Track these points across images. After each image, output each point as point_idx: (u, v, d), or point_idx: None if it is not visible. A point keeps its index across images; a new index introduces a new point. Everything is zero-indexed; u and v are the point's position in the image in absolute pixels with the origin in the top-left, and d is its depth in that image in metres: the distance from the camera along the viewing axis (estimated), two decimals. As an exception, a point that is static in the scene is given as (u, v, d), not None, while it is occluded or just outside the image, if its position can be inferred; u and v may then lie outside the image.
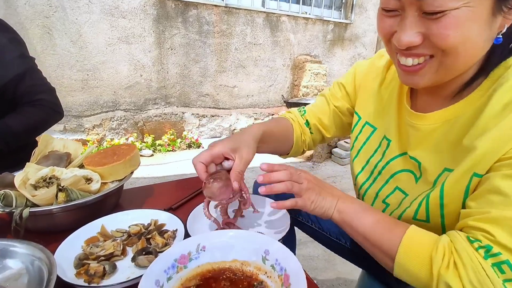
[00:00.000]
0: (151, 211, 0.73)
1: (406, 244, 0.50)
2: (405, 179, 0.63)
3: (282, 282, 0.50)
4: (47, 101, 1.09)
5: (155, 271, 0.49)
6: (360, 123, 0.75)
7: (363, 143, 0.74)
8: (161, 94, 3.33)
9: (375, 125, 0.72)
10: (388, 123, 0.68)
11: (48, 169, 0.72)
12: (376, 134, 0.71)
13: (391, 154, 0.67)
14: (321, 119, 0.86)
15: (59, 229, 0.68)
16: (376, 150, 0.70)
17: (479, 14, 0.45)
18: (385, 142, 0.68)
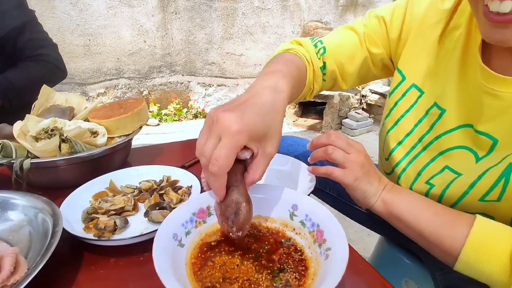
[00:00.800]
0: (164, 167, 0.67)
1: (476, 241, 0.42)
2: (461, 158, 0.51)
3: (314, 238, 0.44)
4: (50, 56, 1.04)
5: (172, 224, 0.43)
6: (403, 85, 0.59)
7: (405, 111, 0.58)
8: (166, 61, 3.20)
9: (423, 89, 0.56)
10: (443, 87, 0.53)
11: (50, 120, 0.66)
12: (423, 101, 0.56)
13: (444, 126, 0.53)
14: (344, 66, 0.66)
15: (64, 184, 0.63)
16: (421, 120, 0.56)
17: None
18: (436, 111, 0.54)
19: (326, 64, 0.66)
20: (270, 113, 0.40)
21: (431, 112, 0.55)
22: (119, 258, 0.46)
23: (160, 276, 0.33)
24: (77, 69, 2.88)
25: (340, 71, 0.67)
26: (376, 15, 0.62)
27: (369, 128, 3.07)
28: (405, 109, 0.58)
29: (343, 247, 0.39)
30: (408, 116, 0.58)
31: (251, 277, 0.40)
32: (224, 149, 0.36)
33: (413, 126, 0.57)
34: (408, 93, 0.58)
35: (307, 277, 0.40)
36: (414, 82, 0.57)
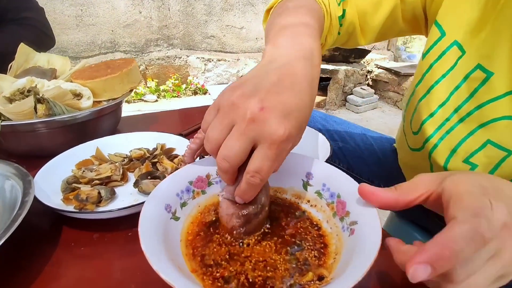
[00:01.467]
0: (158, 134, 0.59)
1: None
2: (505, 130, 0.43)
3: (334, 211, 0.37)
4: (36, 20, 0.94)
5: (164, 194, 0.36)
6: (442, 42, 0.48)
7: (441, 76, 0.48)
8: (163, 34, 3.05)
9: (465, 48, 0.46)
10: (491, 45, 0.43)
11: (26, 79, 0.57)
12: (464, 62, 0.46)
13: (489, 93, 0.44)
14: (367, 17, 0.56)
15: (45, 153, 0.55)
16: (459, 86, 0.46)
17: None
18: (480, 75, 0.45)
19: (346, 12, 0.55)
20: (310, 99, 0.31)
21: (471, 76, 0.45)
22: (104, 234, 0.40)
23: (146, 254, 0.26)
24: (70, 41, 2.74)
25: (361, 22, 0.57)
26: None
27: (374, 104, 2.96)
28: (441, 73, 0.48)
29: (373, 221, 0.32)
30: (444, 82, 0.48)
31: (264, 256, 0.33)
32: (270, 162, 0.29)
33: (448, 94, 0.48)
34: (447, 53, 0.48)
35: (328, 256, 0.33)
36: (456, 39, 0.47)
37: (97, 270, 0.35)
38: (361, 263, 0.27)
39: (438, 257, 0.22)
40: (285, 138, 0.28)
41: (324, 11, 0.52)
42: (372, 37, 0.60)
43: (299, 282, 0.29)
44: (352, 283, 0.24)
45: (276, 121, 0.28)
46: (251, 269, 0.31)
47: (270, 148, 0.28)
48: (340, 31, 0.57)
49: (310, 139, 0.58)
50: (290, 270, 0.31)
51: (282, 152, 0.29)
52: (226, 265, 0.32)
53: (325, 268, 0.31)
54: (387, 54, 3.63)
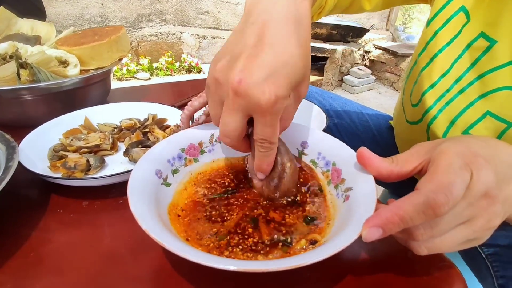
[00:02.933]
0: (149, 104, 0.58)
1: None
2: (504, 101, 0.42)
3: (329, 179, 0.37)
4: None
5: (155, 158, 0.35)
6: (449, 8, 0.46)
7: (445, 44, 0.47)
8: (155, 9, 2.93)
9: (471, 14, 0.45)
10: (497, 12, 0.42)
11: (7, 44, 0.54)
12: (468, 30, 0.45)
13: (491, 62, 0.43)
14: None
15: (30, 122, 0.53)
16: (461, 55, 0.45)
17: None
18: (483, 44, 0.43)
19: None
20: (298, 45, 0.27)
21: (474, 45, 0.44)
22: (93, 201, 0.39)
23: (134, 214, 0.25)
24: (57, 14, 2.62)
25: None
26: None
27: (371, 85, 2.94)
28: (446, 41, 0.47)
29: (368, 187, 0.31)
30: (447, 51, 0.47)
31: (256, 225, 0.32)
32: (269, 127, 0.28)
33: (451, 64, 0.46)
34: (453, 19, 0.46)
35: (322, 221, 0.33)
36: (463, 4, 0.45)
37: (87, 236, 0.34)
38: (354, 227, 0.26)
39: (388, 222, 0.25)
40: (273, 102, 0.26)
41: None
42: (374, 5, 0.57)
43: (294, 248, 0.29)
44: (341, 247, 0.24)
45: (257, 89, 0.25)
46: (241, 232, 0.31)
47: (263, 115, 0.27)
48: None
49: (305, 111, 0.57)
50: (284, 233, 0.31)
51: (278, 114, 0.28)
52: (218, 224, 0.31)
53: (319, 233, 0.31)
54: (385, 34, 3.56)
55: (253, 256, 0.28)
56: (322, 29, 2.81)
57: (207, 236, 0.30)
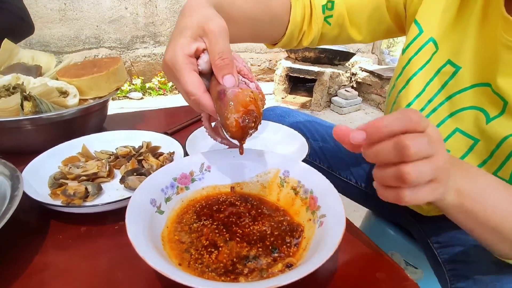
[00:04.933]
0: (143, 132, 0.61)
1: None
2: (470, 119, 0.48)
3: (307, 206, 0.41)
4: (12, 5, 0.92)
5: (150, 188, 0.39)
6: (420, 39, 0.53)
7: (418, 69, 0.53)
8: (149, 31, 3.02)
9: (439, 44, 0.52)
10: (460, 43, 0.49)
11: (11, 76, 0.58)
12: (437, 57, 0.52)
13: (457, 85, 0.49)
14: (354, 10, 0.59)
15: (31, 149, 0.56)
16: (432, 79, 0.52)
17: None
18: (449, 69, 0.50)
19: (335, 3, 0.59)
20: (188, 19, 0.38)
21: (443, 71, 0.51)
22: (91, 227, 0.42)
23: (132, 242, 0.29)
24: (53, 35, 2.67)
25: (350, 14, 0.60)
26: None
27: (358, 106, 3.05)
28: (418, 67, 0.53)
29: (339, 214, 0.35)
30: (420, 75, 0.53)
31: (240, 245, 0.36)
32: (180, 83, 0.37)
33: (423, 87, 0.53)
34: (424, 48, 0.53)
35: (299, 245, 0.37)
36: (432, 35, 0.52)
37: (84, 260, 0.37)
38: (325, 251, 0.30)
39: (370, 126, 0.29)
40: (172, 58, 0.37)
41: None
42: (364, 32, 0.63)
43: (272, 271, 0.33)
44: (313, 268, 0.28)
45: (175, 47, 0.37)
46: (227, 256, 0.34)
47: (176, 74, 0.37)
48: (330, 21, 0.60)
49: (290, 139, 0.62)
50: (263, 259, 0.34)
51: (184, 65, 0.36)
52: (204, 254, 0.34)
53: (295, 257, 0.34)
54: (371, 57, 3.73)
55: (235, 279, 0.31)
56: (310, 53, 2.94)
57: (196, 262, 0.34)
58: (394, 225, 0.85)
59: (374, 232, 0.94)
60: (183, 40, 0.37)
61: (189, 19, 0.38)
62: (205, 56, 0.37)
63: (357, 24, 0.60)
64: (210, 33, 0.36)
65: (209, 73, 0.39)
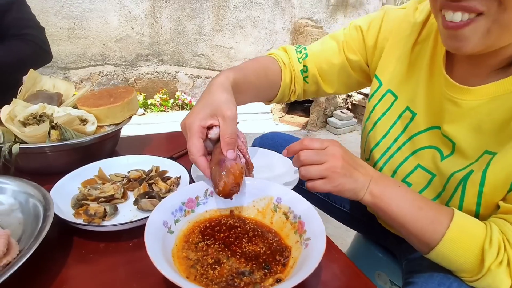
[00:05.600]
0: (152, 157, 0.69)
1: (453, 235, 0.45)
2: (428, 157, 0.56)
3: (295, 229, 0.48)
4: (36, 37, 1.03)
5: (162, 212, 0.46)
6: (380, 90, 0.63)
7: (381, 114, 0.63)
8: (154, 50, 3.15)
9: (397, 94, 0.61)
10: (414, 93, 0.58)
11: (38, 106, 0.66)
12: (397, 105, 0.61)
13: (415, 128, 0.58)
14: (324, 71, 0.71)
15: (52, 170, 0.63)
16: (395, 123, 0.61)
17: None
18: (408, 114, 0.59)
19: (308, 67, 0.72)
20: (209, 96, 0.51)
21: (404, 115, 0.60)
22: (109, 243, 0.48)
23: (151, 258, 0.36)
24: (60, 52, 2.78)
25: (321, 74, 0.72)
26: (355, 25, 0.68)
27: (353, 127, 3.15)
28: (382, 112, 0.63)
29: (321, 238, 0.42)
30: (384, 119, 0.63)
31: (239, 262, 0.43)
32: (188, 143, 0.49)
33: (388, 128, 0.62)
34: (384, 98, 0.63)
35: (287, 264, 0.43)
36: (389, 87, 0.62)
37: (104, 273, 0.43)
38: (308, 268, 0.37)
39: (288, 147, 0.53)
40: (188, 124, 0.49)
41: (280, 65, 0.72)
42: (336, 87, 0.74)
43: (264, 285, 0.39)
44: (298, 282, 0.35)
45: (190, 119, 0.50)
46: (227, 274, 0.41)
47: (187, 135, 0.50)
48: (307, 81, 0.74)
49: (282, 166, 0.69)
50: (257, 274, 0.41)
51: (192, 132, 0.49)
52: (209, 270, 0.41)
53: (284, 273, 0.41)
54: (366, 79, 3.88)
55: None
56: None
57: (202, 276, 0.40)
58: (381, 247, 0.91)
59: (362, 253, 1.00)
60: (203, 115, 0.49)
61: (212, 98, 0.51)
62: (216, 130, 0.50)
63: (329, 81, 0.73)
64: (226, 117, 0.49)
65: (215, 140, 0.52)
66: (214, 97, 0.51)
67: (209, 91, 0.52)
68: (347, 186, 0.50)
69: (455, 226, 0.46)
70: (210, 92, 0.52)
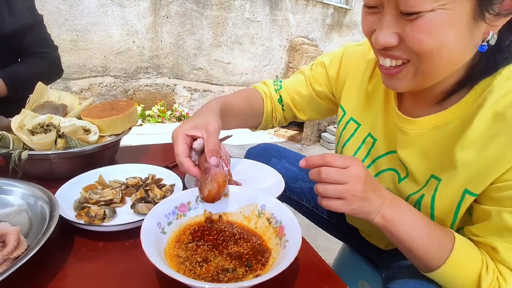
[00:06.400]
0: (149, 166, 0.74)
1: (455, 260, 0.48)
2: (389, 179, 0.62)
3: (276, 233, 0.53)
4: (52, 55, 1.15)
5: (157, 214, 0.51)
6: (344, 118, 0.70)
7: (347, 140, 0.69)
8: (153, 63, 3.24)
9: (359, 121, 0.68)
10: (374, 121, 0.65)
11: (46, 116, 0.71)
12: (360, 131, 0.67)
13: (377, 152, 0.64)
14: (295, 100, 0.81)
15: (55, 176, 0.69)
16: (360, 147, 0.67)
17: (457, 19, 0.41)
18: (370, 140, 0.65)
19: (282, 97, 0.82)
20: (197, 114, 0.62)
21: (366, 141, 0.67)
22: (107, 243, 0.53)
23: (146, 252, 0.41)
24: (62, 63, 2.85)
25: (293, 103, 0.82)
26: (320, 61, 0.78)
27: (345, 142, 3.24)
28: (347, 138, 0.70)
29: (297, 240, 0.48)
30: (349, 144, 0.69)
31: (224, 260, 0.48)
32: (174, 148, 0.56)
33: (354, 152, 0.69)
34: (348, 125, 0.70)
35: (268, 263, 0.48)
36: (352, 116, 0.69)
37: (103, 268, 0.48)
38: (283, 265, 0.42)
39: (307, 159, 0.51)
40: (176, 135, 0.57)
41: (263, 96, 0.82)
42: (309, 116, 0.84)
43: (246, 278, 0.44)
44: (272, 275, 0.40)
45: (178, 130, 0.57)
46: (213, 270, 0.46)
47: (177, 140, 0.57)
48: (284, 108, 0.84)
49: (268, 177, 0.75)
50: (239, 270, 0.46)
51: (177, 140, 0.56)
52: (197, 267, 0.46)
53: (263, 271, 0.46)
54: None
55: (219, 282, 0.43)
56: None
57: (190, 272, 0.45)
58: (365, 258, 0.95)
59: (348, 263, 1.05)
60: (187, 126, 0.57)
61: (198, 116, 0.60)
62: (200, 140, 0.57)
63: (301, 109, 0.83)
64: (209, 130, 0.56)
65: (200, 152, 0.58)
66: (200, 115, 0.60)
67: (198, 112, 0.62)
68: (363, 209, 0.49)
69: (456, 252, 0.48)
70: (199, 113, 0.62)
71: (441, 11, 0.41)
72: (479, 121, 0.48)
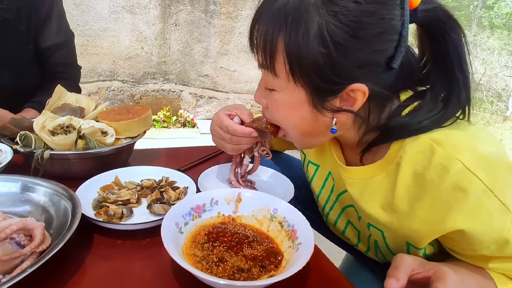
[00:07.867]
0: (163, 169, 0.76)
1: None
2: (353, 214, 0.64)
3: (289, 236, 0.55)
4: (74, 75, 1.19)
5: (175, 214, 0.53)
6: (305, 160, 0.74)
7: (312, 176, 0.73)
8: (161, 69, 3.29)
9: (317, 163, 0.71)
10: (330, 162, 0.67)
11: (66, 118, 0.74)
12: (321, 171, 0.70)
13: (339, 189, 0.66)
14: None
15: (73, 175, 0.71)
16: (323, 185, 0.70)
17: (296, 104, 0.48)
18: (331, 180, 0.68)
19: None
20: None
21: (328, 180, 0.69)
22: (125, 241, 0.55)
23: (168, 250, 0.43)
24: (72, 67, 2.91)
25: None
26: None
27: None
28: (312, 174, 0.73)
29: (310, 243, 0.49)
30: (314, 182, 0.72)
31: (240, 260, 0.50)
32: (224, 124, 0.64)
33: (320, 189, 0.71)
34: (309, 166, 0.73)
35: (281, 264, 0.50)
36: (310, 159, 0.73)
37: (122, 265, 0.50)
38: (297, 267, 0.44)
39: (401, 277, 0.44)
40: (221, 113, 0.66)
41: None
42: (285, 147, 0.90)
43: (261, 278, 0.46)
44: (285, 277, 0.42)
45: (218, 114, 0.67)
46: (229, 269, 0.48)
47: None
48: None
49: (279, 183, 0.77)
50: (254, 271, 0.48)
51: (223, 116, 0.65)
52: (213, 266, 0.48)
53: (277, 272, 0.48)
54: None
55: (236, 279, 0.45)
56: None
57: (207, 271, 0.47)
58: (366, 267, 0.96)
59: (352, 272, 1.06)
60: (222, 110, 0.67)
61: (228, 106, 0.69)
62: (236, 118, 0.66)
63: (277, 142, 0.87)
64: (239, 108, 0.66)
65: None
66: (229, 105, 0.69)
67: (227, 105, 0.70)
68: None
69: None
70: (227, 106, 0.69)
71: (283, 94, 0.49)
72: (402, 180, 0.49)
